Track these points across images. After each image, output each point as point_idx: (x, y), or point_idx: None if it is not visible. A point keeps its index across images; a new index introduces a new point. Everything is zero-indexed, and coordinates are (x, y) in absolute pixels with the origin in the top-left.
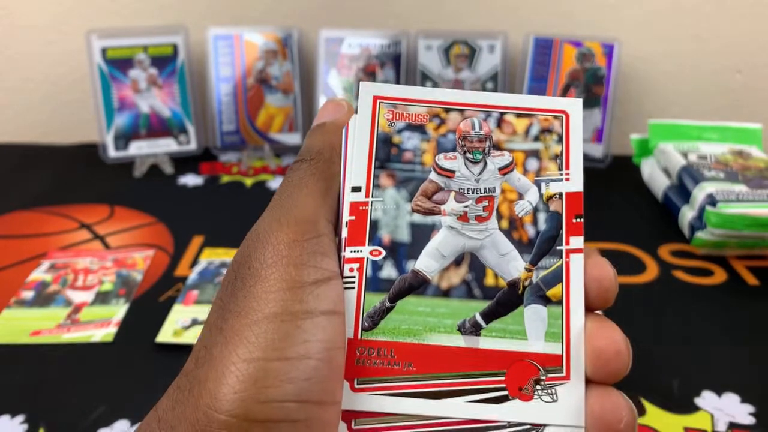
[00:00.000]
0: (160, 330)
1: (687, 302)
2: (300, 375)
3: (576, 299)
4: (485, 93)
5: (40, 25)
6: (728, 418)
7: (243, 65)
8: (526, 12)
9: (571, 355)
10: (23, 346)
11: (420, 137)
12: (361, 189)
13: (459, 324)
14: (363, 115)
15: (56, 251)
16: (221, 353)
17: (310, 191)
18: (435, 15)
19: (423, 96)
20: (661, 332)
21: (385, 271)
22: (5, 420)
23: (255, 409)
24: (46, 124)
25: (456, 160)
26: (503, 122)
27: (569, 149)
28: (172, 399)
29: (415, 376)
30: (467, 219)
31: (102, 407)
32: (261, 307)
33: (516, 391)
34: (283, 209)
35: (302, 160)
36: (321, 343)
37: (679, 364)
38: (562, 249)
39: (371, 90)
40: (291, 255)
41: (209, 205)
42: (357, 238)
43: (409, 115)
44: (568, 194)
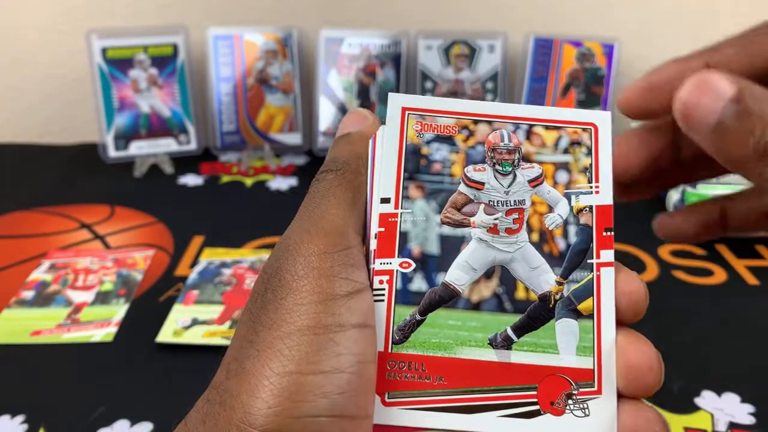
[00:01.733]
0: (160, 330)
1: (687, 302)
2: (334, 389)
3: (607, 313)
4: (513, 105)
5: (40, 25)
6: (728, 417)
7: (243, 65)
8: (526, 12)
9: (603, 369)
10: (23, 346)
11: (449, 149)
12: (390, 200)
13: (490, 338)
14: (392, 125)
15: (56, 251)
16: (254, 366)
17: (338, 202)
18: (435, 15)
19: (452, 107)
20: (661, 332)
21: (415, 283)
22: (5, 420)
23: (289, 423)
24: (46, 124)
25: (485, 171)
26: (532, 134)
27: (598, 162)
28: (202, 412)
29: (447, 390)
30: (497, 231)
31: (102, 407)
32: (293, 319)
33: (547, 405)
34: (311, 220)
35: (328, 171)
36: (353, 356)
37: (679, 364)
38: (593, 262)
39: (400, 101)
40: (322, 267)
41: (209, 205)
42: (386, 250)
43: (438, 126)
44: (598, 207)
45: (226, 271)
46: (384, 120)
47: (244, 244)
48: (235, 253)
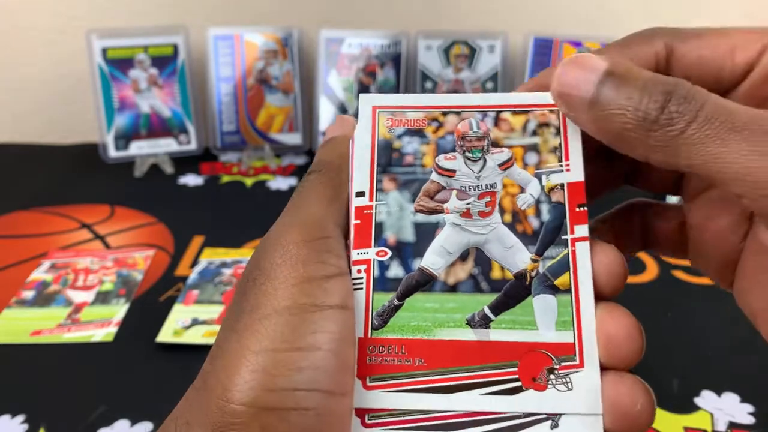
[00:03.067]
0: (160, 330)
1: (687, 302)
2: (309, 364)
3: (584, 286)
4: (480, 94)
5: (40, 25)
6: (728, 417)
7: (243, 65)
8: (526, 12)
9: (584, 342)
10: (23, 346)
11: (419, 141)
12: (364, 194)
13: (468, 318)
14: (364, 124)
15: (57, 251)
16: (233, 347)
17: (319, 197)
18: (435, 15)
19: (420, 102)
20: (661, 332)
21: (392, 270)
22: (5, 420)
23: (265, 396)
24: (46, 124)
25: (456, 159)
26: (500, 120)
27: (567, 140)
28: (189, 399)
29: (427, 371)
30: (470, 215)
31: (102, 407)
32: (270, 302)
33: (529, 381)
34: (291, 215)
35: (312, 172)
36: (330, 335)
37: (679, 364)
38: (567, 238)
39: (370, 100)
40: (299, 253)
41: (209, 205)
42: (363, 240)
43: (408, 120)
44: (569, 184)
45: (226, 271)
46: None
47: (244, 244)
48: (235, 253)
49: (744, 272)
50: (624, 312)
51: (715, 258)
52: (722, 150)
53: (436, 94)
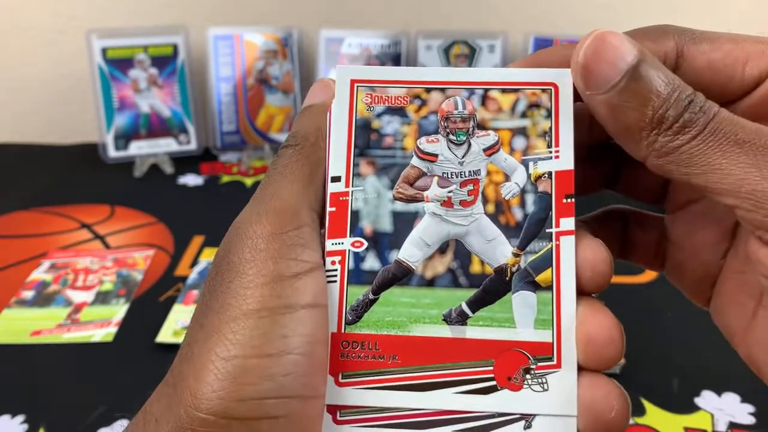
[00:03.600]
0: (160, 330)
1: (687, 302)
2: (279, 371)
3: (567, 284)
4: (468, 69)
5: (40, 25)
6: (728, 417)
7: (243, 65)
8: (526, 12)
9: (562, 342)
10: (23, 346)
11: (400, 120)
12: (340, 179)
13: (445, 314)
14: (340, 100)
15: (56, 251)
16: (200, 351)
17: (294, 178)
18: (435, 15)
19: (402, 76)
20: (661, 332)
21: (367, 262)
22: (5, 420)
23: (234, 407)
24: (46, 124)
25: (438, 143)
26: (488, 99)
27: (558, 125)
28: (159, 393)
29: (401, 368)
30: (451, 204)
31: (102, 407)
32: (239, 303)
33: (505, 380)
34: (263, 200)
35: (288, 146)
36: (301, 338)
37: (679, 364)
38: (552, 231)
39: (348, 73)
40: (269, 249)
41: (209, 205)
42: (338, 229)
43: (389, 97)
44: (557, 173)
45: None
46: None
47: None
48: None
49: (722, 291)
50: (605, 312)
51: (693, 274)
52: (722, 161)
53: (420, 68)
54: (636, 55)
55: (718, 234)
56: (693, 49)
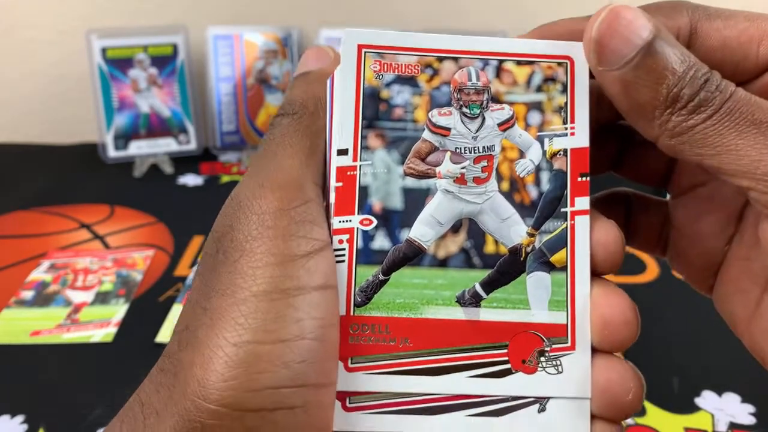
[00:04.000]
0: (159, 330)
1: (687, 302)
2: (295, 358)
3: (581, 265)
4: (482, 38)
5: (40, 25)
6: (729, 418)
7: (243, 65)
8: (526, 11)
9: (577, 324)
10: (23, 346)
11: (411, 91)
12: (348, 152)
13: (458, 295)
14: (347, 67)
15: (56, 251)
16: (207, 336)
17: (295, 151)
18: (435, 15)
19: (413, 43)
20: (661, 332)
21: (377, 241)
22: (5, 420)
23: (247, 397)
24: (46, 124)
25: (451, 116)
26: (502, 71)
27: (574, 100)
28: (156, 382)
29: (413, 352)
30: (464, 181)
31: (102, 407)
32: (248, 284)
33: (519, 363)
34: (266, 172)
35: (284, 114)
36: (315, 321)
37: (679, 364)
38: (567, 211)
39: (356, 38)
40: (278, 225)
41: (209, 205)
42: (345, 206)
43: (399, 65)
44: (573, 150)
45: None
46: None
47: None
48: None
49: (726, 278)
50: (620, 293)
51: (696, 260)
52: (738, 142)
53: (432, 35)
54: (651, 30)
55: (723, 219)
56: (707, 26)
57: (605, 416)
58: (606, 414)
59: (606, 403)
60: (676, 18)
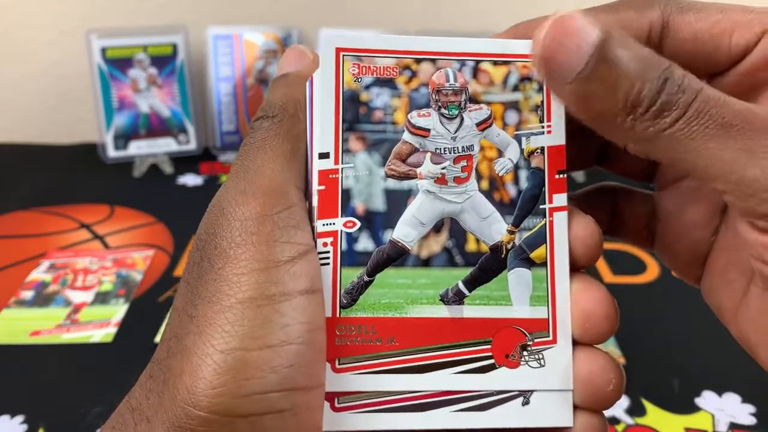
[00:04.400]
0: (159, 330)
1: (687, 302)
2: (283, 362)
3: (561, 260)
4: (458, 39)
5: (40, 25)
6: (729, 418)
7: (243, 65)
8: (527, 12)
9: (557, 318)
10: (23, 346)
11: (390, 93)
12: (329, 155)
13: (441, 294)
14: (326, 70)
15: (56, 251)
16: (195, 344)
17: (276, 154)
18: (435, 15)
19: (391, 46)
20: (661, 332)
21: (361, 243)
22: (5, 420)
23: (237, 403)
24: (46, 124)
25: (430, 117)
26: (479, 72)
27: (550, 98)
28: (146, 388)
29: (399, 351)
30: (445, 181)
31: (102, 407)
32: (233, 291)
33: (503, 358)
34: (247, 177)
35: (264, 117)
36: (302, 326)
37: (679, 364)
38: (545, 207)
39: (333, 41)
40: (261, 231)
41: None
42: (329, 209)
43: (377, 68)
44: (549, 148)
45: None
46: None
47: None
48: None
49: (713, 269)
50: (599, 287)
51: (683, 252)
52: (709, 146)
53: (409, 36)
54: (599, 35)
55: (708, 211)
56: (679, 19)
57: (588, 407)
58: (588, 404)
59: (588, 394)
60: (648, 12)
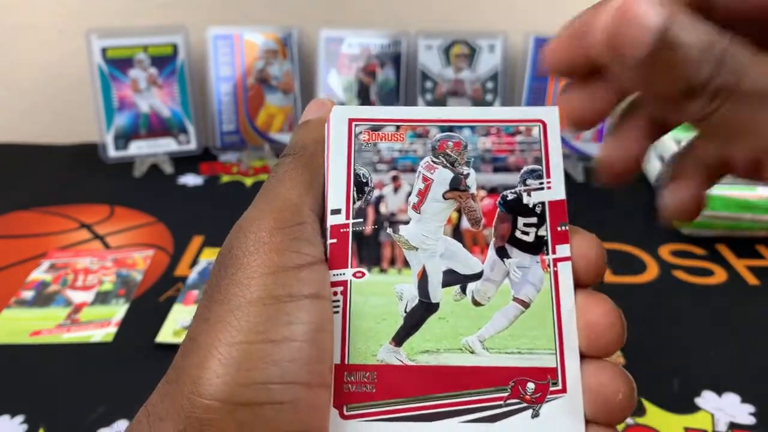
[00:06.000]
0: (160, 330)
1: (687, 302)
2: (284, 356)
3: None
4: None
5: (40, 25)
6: (729, 418)
7: (243, 65)
8: (526, 12)
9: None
10: (23, 346)
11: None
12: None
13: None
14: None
15: (56, 251)
16: (205, 340)
17: (294, 183)
18: (435, 15)
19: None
20: (661, 332)
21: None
22: (5, 420)
23: (238, 391)
24: (46, 124)
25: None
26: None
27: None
28: (161, 393)
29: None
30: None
31: (102, 407)
32: (243, 292)
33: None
34: (266, 200)
35: (286, 155)
36: (306, 325)
37: (679, 364)
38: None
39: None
40: (273, 241)
41: (209, 205)
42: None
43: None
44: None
45: None
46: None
47: None
48: None
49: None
50: (605, 300)
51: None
52: (765, 117)
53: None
54: (664, 19)
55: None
56: None
57: (600, 420)
58: (600, 417)
59: (600, 405)
60: None
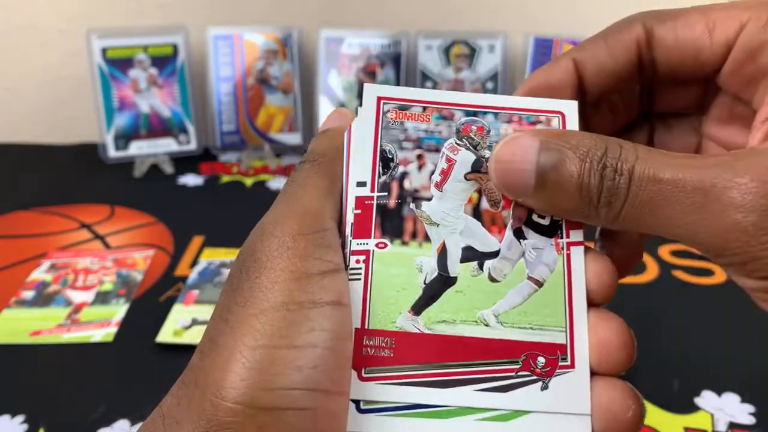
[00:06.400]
0: (160, 330)
1: (687, 302)
2: (307, 363)
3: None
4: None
5: (40, 25)
6: (728, 417)
7: (243, 65)
8: (526, 12)
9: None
10: (23, 346)
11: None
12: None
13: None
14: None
15: (56, 251)
16: (227, 342)
17: (315, 188)
18: (435, 15)
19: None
20: (661, 332)
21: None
22: (5, 420)
23: (261, 396)
24: (46, 124)
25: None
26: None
27: None
28: (177, 395)
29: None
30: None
31: (102, 407)
32: (267, 296)
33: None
34: (287, 204)
35: (306, 161)
36: (327, 333)
37: (679, 364)
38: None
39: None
40: (296, 247)
41: (209, 205)
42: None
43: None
44: None
45: (226, 271)
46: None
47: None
48: (235, 253)
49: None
50: (617, 318)
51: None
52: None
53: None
54: (538, 147)
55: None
56: (661, 29)
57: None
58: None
59: (609, 421)
60: (631, 30)
